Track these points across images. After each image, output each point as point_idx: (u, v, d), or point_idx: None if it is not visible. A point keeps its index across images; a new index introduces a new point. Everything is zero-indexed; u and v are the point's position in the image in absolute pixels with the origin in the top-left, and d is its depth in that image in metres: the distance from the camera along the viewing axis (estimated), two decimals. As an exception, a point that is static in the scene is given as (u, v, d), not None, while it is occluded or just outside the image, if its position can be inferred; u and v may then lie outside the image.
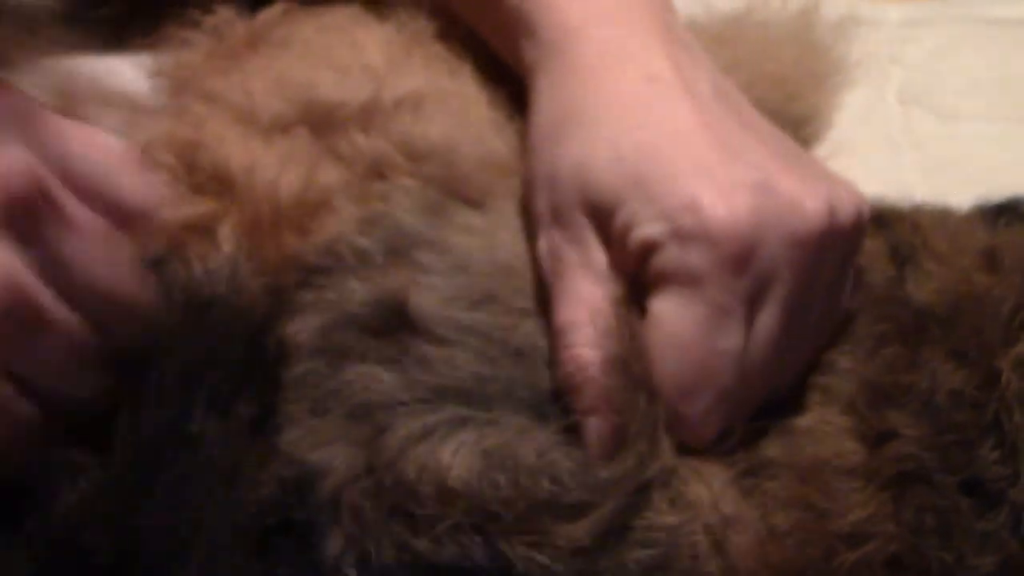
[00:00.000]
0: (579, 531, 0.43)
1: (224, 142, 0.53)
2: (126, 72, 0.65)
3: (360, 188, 0.52)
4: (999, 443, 0.48)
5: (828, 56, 0.71)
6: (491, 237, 0.51)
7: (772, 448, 0.47)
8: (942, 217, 0.57)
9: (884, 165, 0.76)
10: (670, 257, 0.45)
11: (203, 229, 0.52)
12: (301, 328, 0.48)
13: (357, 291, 0.48)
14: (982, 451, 0.47)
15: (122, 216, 0.49)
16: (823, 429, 0.47)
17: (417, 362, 0.46)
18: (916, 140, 0.80)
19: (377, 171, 0.53)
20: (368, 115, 0.55)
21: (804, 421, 0.48)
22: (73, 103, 0.57)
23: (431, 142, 0.54)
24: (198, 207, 0.52)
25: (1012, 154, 0.77)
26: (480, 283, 0.49)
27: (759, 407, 0.47)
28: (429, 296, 0.48)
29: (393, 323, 0.47)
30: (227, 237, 0.51)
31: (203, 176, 0.53)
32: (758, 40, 0.68)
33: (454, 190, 0.52)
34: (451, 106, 0.56)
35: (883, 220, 0.56)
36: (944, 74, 0.83)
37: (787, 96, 0.66)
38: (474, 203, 0.52)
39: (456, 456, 0.44)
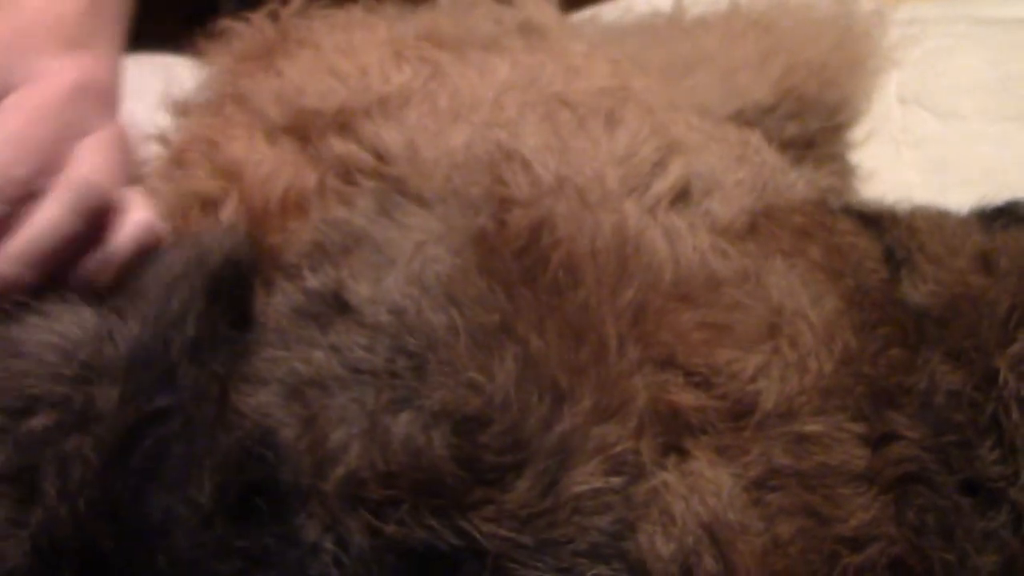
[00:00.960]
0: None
1: (234, 143, 0.59)
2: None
3: (331, 192, 0.57)
4: (998, 442, 0.48)
5: (866, 40, 0.70)
6: (421, 233, 0.53)
7: (783, 456, 0.47)
8: (939, 220, 0.57)
9: (884, 165, 0.76)
10: None
11: (208, 204, 0.57)
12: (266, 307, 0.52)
13: (307, 281, 0.52)
14: (981, 451, 0.48)
15: None
16: (834, 436, 0.47)
17: (342, 346, 0.49)
18: (916, 140, 0.80)
19: (347, 174, 0.57)
20: (344, 119, 0.59)
21: (814, 427, 0.47)
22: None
23: (395, 144, 0.57)
24: (206, 183, 0.58)
25: (1012, 154, 0.77)
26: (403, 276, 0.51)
27: None
28: (361, 288, 0.51)
29: (330, 311, 0.51)
30: (229, 213, 0.56)
31: (216, 169, 0.58)
32: (798, 25, 0.68)
33: (409, 190, 0.56)
34: (422, 108, 0.59)
35: (880, 223, 0.56)
36: (944, 74, 0.83)
37: (824, 82, 0.66)
38: (425, 202, 0.55)
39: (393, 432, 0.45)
